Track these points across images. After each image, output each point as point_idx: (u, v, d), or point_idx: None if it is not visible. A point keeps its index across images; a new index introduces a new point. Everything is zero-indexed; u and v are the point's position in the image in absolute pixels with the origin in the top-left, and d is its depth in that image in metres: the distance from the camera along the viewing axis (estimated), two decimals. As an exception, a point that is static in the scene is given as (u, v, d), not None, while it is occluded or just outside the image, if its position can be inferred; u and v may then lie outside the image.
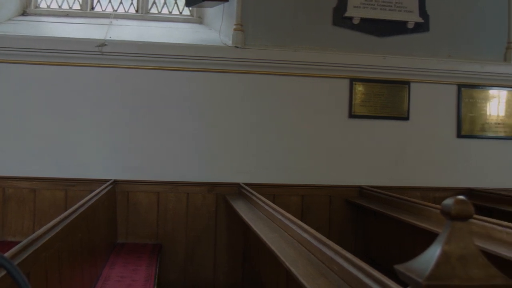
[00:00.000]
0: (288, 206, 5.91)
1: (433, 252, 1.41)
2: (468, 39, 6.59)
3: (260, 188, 5.81)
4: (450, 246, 1.41)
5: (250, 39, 6.13)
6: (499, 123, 6.65)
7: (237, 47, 6.07)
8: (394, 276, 1.67)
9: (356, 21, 6.29)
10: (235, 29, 6.11)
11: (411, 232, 4.63)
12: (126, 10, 6.79)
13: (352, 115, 6.26)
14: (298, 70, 6.17)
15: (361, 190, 6.18)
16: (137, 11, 6.79)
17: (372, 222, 5.83)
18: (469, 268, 1.38)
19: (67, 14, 6.63)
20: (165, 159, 5.97)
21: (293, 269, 2.76)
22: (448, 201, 1.46)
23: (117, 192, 5.85)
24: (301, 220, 5.90)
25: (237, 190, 5.95)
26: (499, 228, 3.74)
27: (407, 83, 6.38)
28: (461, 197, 1.45)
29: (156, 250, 5.52)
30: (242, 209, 4.96)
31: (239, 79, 6.11)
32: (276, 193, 6.03)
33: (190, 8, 6.81)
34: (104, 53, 5.87)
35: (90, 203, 4.20)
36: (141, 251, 5.46)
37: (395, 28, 6.40)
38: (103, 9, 6.75)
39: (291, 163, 6.16)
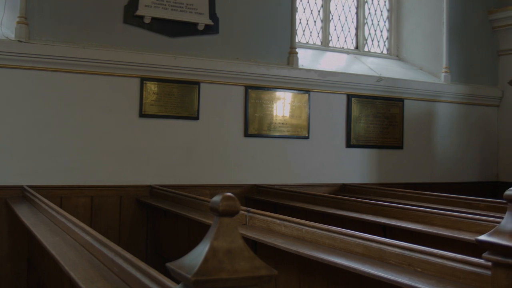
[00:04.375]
0: (77, 208, 5.75)
1: (203, 248, 1.45)
2: (255, 43, 6.93)
3: (47, 190, 5.56)
4: (218, 241, 1.45)
5: (36, 34, 5.80)
6: (283, 123, 7.09)
7: (21, 41, 5.69)
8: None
9: (147, 20, 6.26)
10: (18, 22, 5.72)
11: (200, 229, 4.75)
12: None
13: (142, 115, 6.23)
14: (87, 68, 5.96)
15: (151, 190, 6.18)
16: None
17: (163, 221, 5.87)
18: (236, 262, 1.44)
19: None
20: None
21: (72, 274, 2.69)
22: (216, 198, 1.50)
23: None
24: (91, 222, 5.82)
25: (21, 193, 5.60)
26: (278, 221, 4.01)
27: (197, 83, 6.52)
28: (228, 194, 1.50)
29: None
30: (24, 213, 4.69)
31: (22, 75, 5.72)
32: (64, 195, 5.78)
33: (-33, -3, 6.26)
34: None
35: None
36: None
37: (186, 29, 6.51)
38: None
39: (80, 163, 5.94)
